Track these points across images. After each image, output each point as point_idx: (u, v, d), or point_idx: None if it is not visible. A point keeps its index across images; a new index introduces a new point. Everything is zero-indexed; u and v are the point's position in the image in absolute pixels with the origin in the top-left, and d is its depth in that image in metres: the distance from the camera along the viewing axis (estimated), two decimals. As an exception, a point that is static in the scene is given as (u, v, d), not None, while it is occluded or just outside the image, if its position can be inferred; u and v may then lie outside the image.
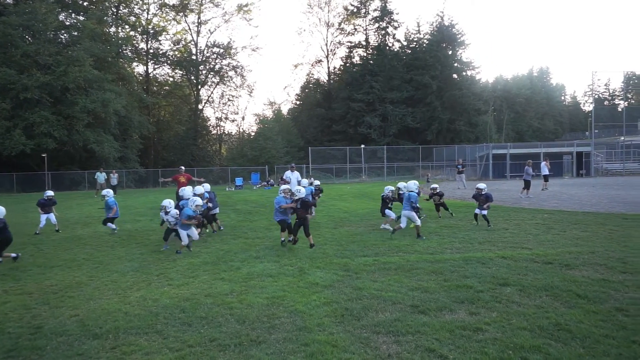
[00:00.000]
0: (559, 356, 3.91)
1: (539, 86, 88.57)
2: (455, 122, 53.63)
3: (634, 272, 6.58)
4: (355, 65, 57.60)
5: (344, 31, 59.76)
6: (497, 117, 69.57)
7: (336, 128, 53.81)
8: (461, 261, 7.54)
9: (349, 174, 39.25)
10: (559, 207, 15.23)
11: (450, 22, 57.38)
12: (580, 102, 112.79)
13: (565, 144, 46.07)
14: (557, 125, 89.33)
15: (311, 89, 62.79)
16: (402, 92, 53.84)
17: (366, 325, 4.75)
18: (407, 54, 58.92)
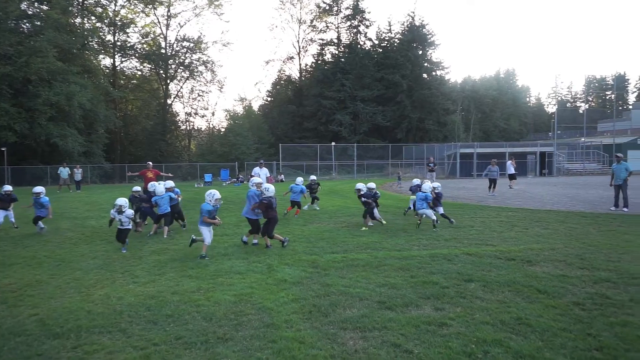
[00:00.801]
0: (519, 349, 4.03)
1: (505, 87, 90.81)
2: (425, 121, 54.44)
3: (591, 268, 6.84)
4: (326, 62, 57.70)
5: (316, 28, 59.85)
6: (465, 117, 70.99)
7: (307, 125, 53.83)
8: (428, 258, 7.67)
9: (320, 171, 39.35)
10: (523, 205, 15.67)
11: (421, 22, 58.18)
12: (544, 104, 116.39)
13: (530, 144, 47.43)
14: (522, 125, 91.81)
15: (282, 86, 62.60)
16: (373, 90, 54.29)
17: (333, 322, 4.78)
18: (378, 53, 59.41)
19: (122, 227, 8.91)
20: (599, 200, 16.67)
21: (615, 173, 14.26)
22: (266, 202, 8.68)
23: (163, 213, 10.66)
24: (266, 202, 8.68)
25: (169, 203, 10.77)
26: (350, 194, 14.50)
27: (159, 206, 10.66)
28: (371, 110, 53.26)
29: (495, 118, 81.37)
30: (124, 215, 8.83)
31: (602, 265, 7.02)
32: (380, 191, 22.68)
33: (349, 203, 16.57)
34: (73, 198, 21.54)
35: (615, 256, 7.63)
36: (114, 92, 42.59)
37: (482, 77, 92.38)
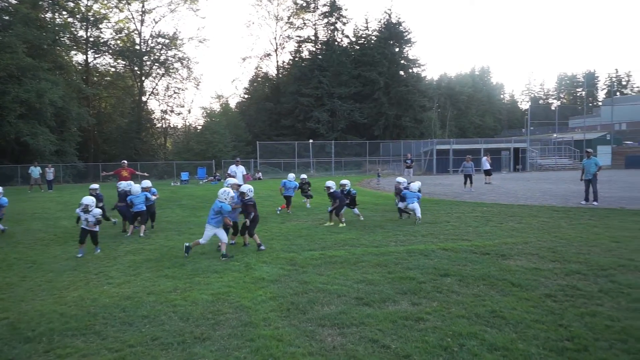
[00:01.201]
0: (493, 341, 4.11)
1: (480, 85, 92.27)
2: (402, 118, 54.86)
3: (563, 261, 7.01)
4: (304, 60, 57.55)
5: (293, 25, 59.62)
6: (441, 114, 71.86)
7: (285, 122, 53.65)
8: (405, 253, 7.75)
9: (297, 169, 39.30)
10: (497, 200, 15.96)
11: (398, 19, 58.51)
12: (518, 101, 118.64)
13: (504, 140, 48.31)
14: (496, 122, 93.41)
15: (260, 83, 62.20)
16: (350, 87, 54.43)
17: (312, 319, 4.79)
18: (355, 50, 59.55)
19: (86, 227, 8.38)
20: (570, 195, 17.09)
21: (586, 168, 14.63)
22: (252, 203, 8.60)
23: (138, 211, 10.51)
24: (252, 203, 8.60)
25: (144, 202, 10.63)
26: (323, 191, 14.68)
27: (134, 204, 10.50)
28: (348, 107, 53.39)
29: (470, 115, 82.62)
30: (90, 215, 8.35)
31: (573, 257, 7.21)
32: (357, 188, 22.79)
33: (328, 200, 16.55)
34: (45, 198, 21.03)
35: (585, 249, 7.85)
36: (86, 89, 41.65)
37: (458, 74, 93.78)
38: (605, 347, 3.98)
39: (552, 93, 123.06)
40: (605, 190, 17.96)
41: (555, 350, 3.92)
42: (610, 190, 18.54)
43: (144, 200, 10.64)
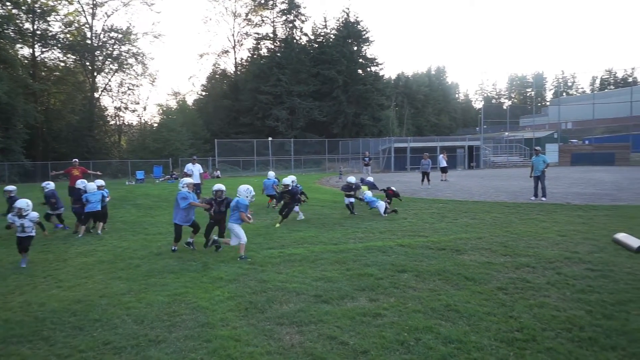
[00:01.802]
0: (448, 334, 4.22)
1: (436, 84, 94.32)
2: (360, 116, 55.44)
3: (513, 255, 7.29)
4: (262, 57, 57.13)
5: (251, 22, 59.06)
6: (399, 112, 72.97)
7: (243, 120, 53.08)
8: (363, 250, 7.84)
9: (256, 167, 39.02)
10: (452, 197, 16.39)
11: (356, 18, 59.03)
12: (472, 100, 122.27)
13: (459, 138, 49.62)
14: (452, 120, 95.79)
15: (217, 80, 61.28)
16: (309, 85, 54.50)
17: (270, 318, 4.77)
18: (314, 48, 59.66)
19: (24, 235, 7.54)
20: (521, 191, 17.76)
21: (534, 165, 15.24)
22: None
23: (92, 211, 10.17)
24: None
25: (100, 201, 10.32)
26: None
27: (90, 202, 10.16)
28: (308, 105, 53.45)
29: (427, 113, 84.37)
30: (26, 220, 7.54)
31: (523, 251, 7.50)
32: (317, 186, 22.85)
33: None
34: (-12, 199, 19.93)
35: (534, 243, 8.18)
36: (33, 85, 39.76)
37: (415, 73, 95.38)
38: (552, 336, 4.17)
39: (503, 93, 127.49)
40: (553, 186, 18.77)
41: (505, 341, 4.06)
42: (557, 186, 19.39)
43: (100, 199, 10.33)
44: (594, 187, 19.16)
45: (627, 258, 6.92)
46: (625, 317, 4.56)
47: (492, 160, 45.25)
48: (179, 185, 8.39)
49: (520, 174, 28.76)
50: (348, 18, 58.81)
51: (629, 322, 4.42)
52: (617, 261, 6.73)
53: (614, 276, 5.97)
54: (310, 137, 49.51)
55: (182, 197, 8.18)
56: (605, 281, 5.79)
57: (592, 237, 8.60)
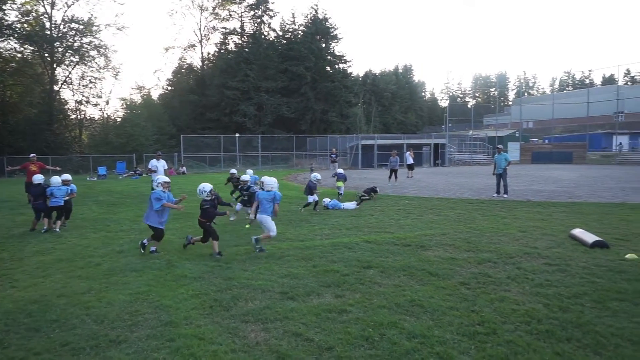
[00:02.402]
0: (412, 329, 4.28)
1: (403, 82, 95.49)
2: (328, 113, 55.54)
3: (476, 250, 7.46)
4: (230, 52, 56.39)
5: (219, 16, 58.17)
6: (367, 110, 73.55)
7: (210, 116, 52.31)
8: (330, 247, 7.86)
9: (223, 163, 38.58)
10: (418, 194, 16.65)
11: (324, 15, 58.99)
12: (438, 99, 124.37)
13: (425, 136, 50.42)
14: (418, 118, 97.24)
15: (183, 74, 60.09)
16: (277, 81, 54.17)
17: (235, 315, 4.72)
18: (282, 44, 59.29)
19: None
20: (484, 188, 18.21)
21: (497, 163, 15.65)
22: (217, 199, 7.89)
23: (54, 206, 9.95)
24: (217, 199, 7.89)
25: (64, 196, 10.06)
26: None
27: (54, 197, 9.86)
28: (275, 101, 53.14)
29: (394, 111, 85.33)
30: None
31: (485, 247, 7.69)
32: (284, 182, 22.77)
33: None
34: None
35: (496, 238, 8.40)
36: (-13, 76, 38.01)
37: (382, 71, 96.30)
38: (511, 329, 4.28)
39: (468, 92, 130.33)
40: (514, 183, 19.31)
41: (467, 335, 4.15)
42: (518, 183, 19.97)
43: (65, 194, 10.11)
44: (552, 184, 19.84)
45: (582, 253, 7.19)
46: (580, 310, 4.73)
47: (456, 157, 46.22)
48: (153, 184, 7.84)
49: (483, 172, 29.47)
50: (316, 15, 58.75)
51: (584, 315, 4.60)
52: (573, 256, 6.98)
53: (570, 270, 6.20)
54: (278, 134, 49.26)
55: (156, 197, 7.51)
56: (562, 275, 6.00)
57: (550, 232, 8.90)
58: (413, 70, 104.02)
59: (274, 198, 7.82)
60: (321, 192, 14.57)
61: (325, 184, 20.57)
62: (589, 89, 62.33)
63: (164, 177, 7.97)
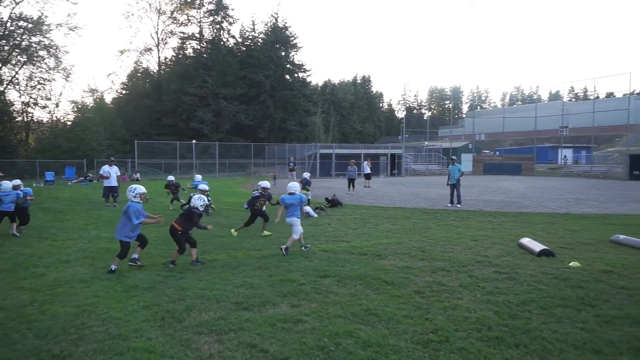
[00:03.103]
0: (367, 338, 4.30)
1: (361, 93, 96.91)
2: (287, 122, 55.56)
3: (430, 259, 7.61)
4: (188, 57, 55.49)
5: (177, 21, 57.15)
6: (325, 119, 74.07)
7: (166, 121, 51.17)
8: (287, 256, 7.81)
9: (179, 170, 37.76)
10: (375, 203, 16.86)
11: (284, 24, 59.21)
12: (395, 110, 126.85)
13: (382, 146, 51.25)
14: (376, 129, 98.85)
15: (139, 78, 58.55)
16: (236, 88, 53.72)
17: (188, 327, 4.60)
18: (241, 51, 58.96)
19: None
20: (438, 198, 18.66)
21: (451, 173, 16.08)
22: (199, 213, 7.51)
23: (5, 210, 9.68)
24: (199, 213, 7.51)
25: (14, 201, 9.81)
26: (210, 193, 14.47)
27: (3, 202, 9.44)
28: (234, 108, 52.64)
29: (352, 121, 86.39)
30: None
31: (439, 256, 7.86)
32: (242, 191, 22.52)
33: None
34: None
35: (450, 247, 8.61)
36: None
37: (341, 81, 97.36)
38: (463, 336, 4.38)
39: (424, 104, 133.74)
40: (467, 193, 19.89)
41: (421, 343, 4.21)
42: (471, 193, 20.59)
43: (15, 199, 9.82)
44: (502, 195, 20.58)
45: (530, 261, 7.47)
46: (527, 317, 4.90)
47: (412, 168, 47.20)
48: (129, 195, 7.08)
49: (438, 182, 30.21)
50: (276, 23, 58.86)
51: (531, 321, 4.76)
52: (521, 264, 7.25)
53: (519, 278, 6.42)
54: (236, 141, 48.77)
55: (135, 212, 6.88)
56: (511, 283, 6.20)
57: (500, 241, 9.20)
58: (371, 81, 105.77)
59: (300, 200, 8.44)
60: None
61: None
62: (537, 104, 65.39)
63: (141, 187, 7.27)
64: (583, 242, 9.11)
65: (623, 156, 40.52)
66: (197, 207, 7.43)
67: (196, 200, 7.51)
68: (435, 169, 48.38)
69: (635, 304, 5.34)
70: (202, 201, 7.50)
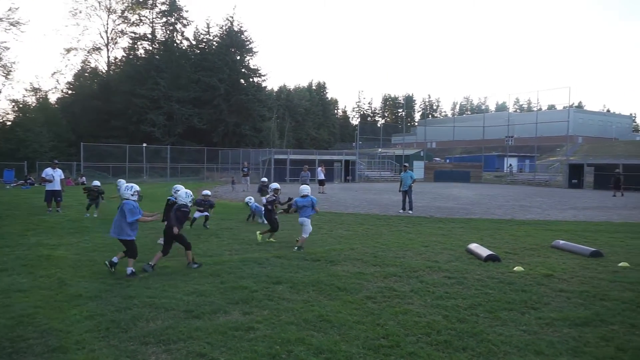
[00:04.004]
0: (319, 345, 4.28)
1: (317, 99, 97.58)
2: (241, 126, 55.05)
3: (382, 265, 7.71)
4: (139, 58, 53.98)
5: (128, 20, 55.50)
6: (280, 125, 73.97)
7: (115, 124, 49.42)
8: (239, 262, 7.70)
9: (128, 174, 36.52)
10: (329, 209, 16.93)
11: (240, 28, 58.74)
12: (350, 117, 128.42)
13: (337, 152, 51.72)
14: (330, 135, 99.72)
15: (87, 78, 56.33)
16: (190, 91, 52.75)
17: (134, 337, 4.42)
18: (195, 54, 58.04)
19: None
20: (391, 204, 18.98)
21: (403, 180, 16.41)
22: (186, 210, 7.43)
23: None
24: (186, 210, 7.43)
25: None
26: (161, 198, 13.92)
27: None
28: (187, 111, 51.60)
29: (307, 127, 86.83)
30: None
31: (391, 261, 7.97)
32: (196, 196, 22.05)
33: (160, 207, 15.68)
34: None
35: (401, 253, 8.76)
36: None
37: (297, 87, 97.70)
38: (413, 341, 4.45)
39: (378, 112, 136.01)
40: (419, 200, 20.35)
41: (372, 349, 4.24)
42: (422, 200, 21.08)
43: None
44: (452, 202, 21.21)
45: (477, 266, 7.71)
46: (475, 320, 5.05)
47: (366, 174, 47.85)
48: (127, 193, 6.93)
49: (390, 188, 30.73)
50: (232, 27, 58.32)
51: (478, 325, 4.91)
52: (469, 269, 7.47)
53: (467, 283, 6.61)
54: (189, 145, 47.77)
55: (130, 209, 6.77)
56: (459, 287, 6.37)
57: (450, 247, 9.46)
58: (327, 88, 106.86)
59: (312, 203, 9.07)
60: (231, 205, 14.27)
61: (237, 197, 20.24)
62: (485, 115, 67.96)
63: (136, 185, 7.11)
64: (526, 248, 9.51)
65: (563, 165, 42.79)
66: (185, 203, 7.45)
67: (183, 196, 7.52)
68: (388, 176, 49.23)
69: (573, 306, 5.61)
70: (190, 197, 7.55)
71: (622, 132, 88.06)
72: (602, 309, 5.47)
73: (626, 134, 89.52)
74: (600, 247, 9.35)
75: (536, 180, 43.05)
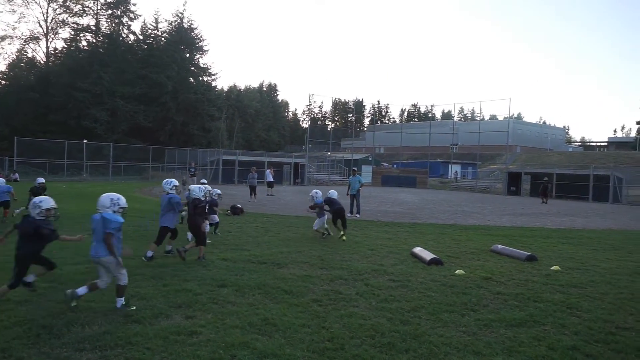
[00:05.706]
0: (263, 349, 4.23)
1: (267, 100, 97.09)
2: (189, 125, 53.88)
3: (329, 268, 7.76)
4: (81, 50, 51.61)
5: (70, 10, 52.87)
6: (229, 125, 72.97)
7: (54, 118, 46.95)
8: (183, 265, 7.51)
9: (67, 171, 34.80)
10: (277, 211, 16.87)
11: (190, 25, 57.54)
12: (300, 120, 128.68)
13: (286, 155, 51.67)
14: (280, 137, 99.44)
15: (22, 69, 53.16)
16: (135, 87, 50.97)
17: (68, 343, 4.19)
18: (142, 49, 56.24)
19: None
20: (339, 208, 19.12)
21: (351, 184, 16.61)
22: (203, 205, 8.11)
23: None
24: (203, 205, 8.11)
25: None
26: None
27: None
28: (132, 108, 49.82)
29: (257, 128, 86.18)
30: None
31: (337, 264, 8.03)
32: (136, 196, 21.33)
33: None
34: None
35: (348, 256, 8.85)
36: None
37: (247, 87, 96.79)
38: (358, 343, 4.49)
39: (328, 116, 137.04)
40: (366, 204, 20.66)
41: (317, 352, 4.25)
42: (369, 204, 21.42)
43: None
44: (398, 206, 21.69)
45: (421, 269, 7.92)
46: (417, 322, 5.17)
47: (315, 177, 48.08)
48: (166, 187, 8.16)
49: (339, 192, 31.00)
50: (182, 23, 57.04)
51: (420, 326, 5.03)
52: (413, 272, 7.65)
53: (411, 286, 6.76)
54: (134, 143, 46.13)
55: (177, 201, 8.08)
56: (404, 290, 6.51)
57: (395, 250, 9.66)
58: (277, 90, 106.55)
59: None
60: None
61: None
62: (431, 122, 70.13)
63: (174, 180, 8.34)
64: (467, 252, 9.87)
65: (502, 173, 44.84)
66: (199, 197, 8.08)
67: (196, 191, 8.18)
68: (337, 179, 49.69)
69: (509, 308, 5.87)
70: (202, 191, 8.23)
71: (556, 143, 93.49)
72: (535, 310, 5.76)
73: (560, 145, 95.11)
74: (535, 251, 9.85)
75: (478, 187, 44.84)
